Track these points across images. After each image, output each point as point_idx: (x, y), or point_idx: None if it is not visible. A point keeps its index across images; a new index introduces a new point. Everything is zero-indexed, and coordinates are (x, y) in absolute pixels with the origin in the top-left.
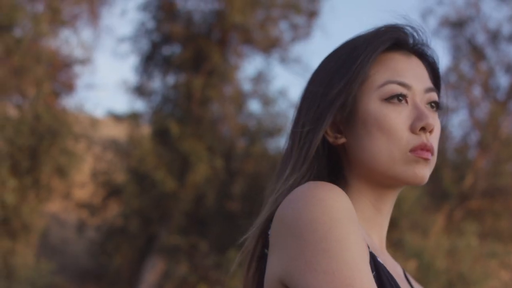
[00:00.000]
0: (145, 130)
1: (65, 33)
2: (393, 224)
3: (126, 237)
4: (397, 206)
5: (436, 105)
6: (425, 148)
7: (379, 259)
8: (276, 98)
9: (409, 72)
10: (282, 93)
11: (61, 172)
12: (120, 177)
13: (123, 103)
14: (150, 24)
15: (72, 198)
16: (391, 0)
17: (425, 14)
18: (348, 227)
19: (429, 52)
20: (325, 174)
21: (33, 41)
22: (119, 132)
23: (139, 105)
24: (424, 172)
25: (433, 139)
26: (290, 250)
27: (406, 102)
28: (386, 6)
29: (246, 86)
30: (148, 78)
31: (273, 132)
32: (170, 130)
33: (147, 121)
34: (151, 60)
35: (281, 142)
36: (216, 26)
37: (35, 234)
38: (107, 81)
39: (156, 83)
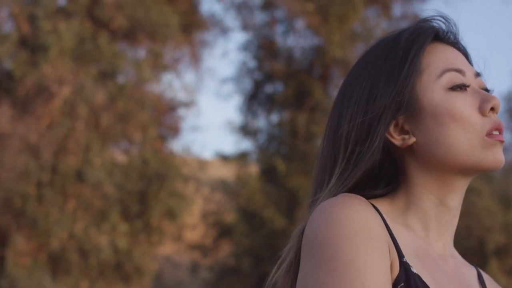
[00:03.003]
0: (253, 169)
1: (168, 77)
2: (505, 251)
3: (238, 277)
4: (509, 232)
5: (487, 92)
6: (499, 127)
7: (414, 270)
8: None
9: (457, 59)
10: None
11: (171, 214)
12: (229, 217)
13: (230, 143)
14: (252, 64)
15: (184, 240)
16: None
17: None
18: (359, 246)
19: (460, 40)
20: (382, 179)
21: (136, 86)
22: (227, 172)
23: (245, 144)
24: (502, 155)
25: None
26: (307, 267)
27: (466, 89)
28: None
29: None
30: (253, 117)
31: None
32: (276, 167)
33: (254, 160)
34: (255, 99)
35: None
36: (317, 62)
37: (148, 277)
38: (212, 122)
39: (261, 121)
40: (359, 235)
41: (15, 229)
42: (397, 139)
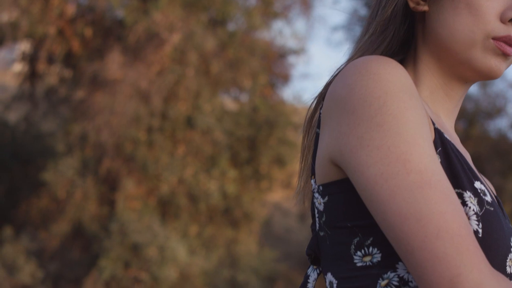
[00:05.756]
0: None
1: (278, 25)
2: None
3: None
4: None
5: None
6: (510, 41)
7: (446, 135)
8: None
9: None
10: None
11: (281, 161)
12: None
13: None
14: (363, 11)
15: (293, 187)
16: None
17: None
18: (405, 101)
19: None
20: (399, 41)
21: (246, 34)
22: None
23: None
24: (502, 67)
25: None
26: (341, 127)
27: None
28: None
29: None
30: None
31: (492, 113)
32: None
33: None
34: None
35: (501, 124)
36: None
37: (257, 223)
38: (322, 70)
39: None
40: (402, 90)
41: (126, 173)
42: (412, 1)
